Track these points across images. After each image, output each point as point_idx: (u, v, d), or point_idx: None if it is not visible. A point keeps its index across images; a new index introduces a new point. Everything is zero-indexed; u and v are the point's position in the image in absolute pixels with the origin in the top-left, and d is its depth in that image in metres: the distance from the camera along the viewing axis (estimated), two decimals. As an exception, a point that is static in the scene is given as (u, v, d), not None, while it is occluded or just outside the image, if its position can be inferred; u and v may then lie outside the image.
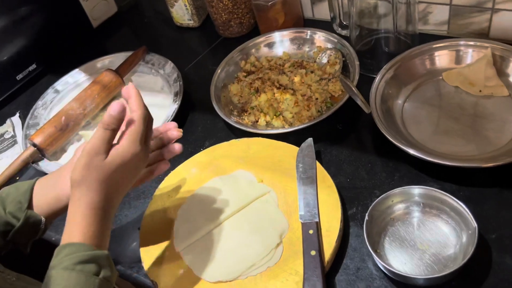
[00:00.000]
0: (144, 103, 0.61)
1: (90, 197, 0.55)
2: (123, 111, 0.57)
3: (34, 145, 0.90)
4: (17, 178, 0.93)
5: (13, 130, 1.04)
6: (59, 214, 0.66)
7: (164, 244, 0.72)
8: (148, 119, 0.60)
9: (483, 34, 0.89)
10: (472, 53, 0.83)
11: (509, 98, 0.79)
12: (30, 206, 0.64)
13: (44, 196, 0.66)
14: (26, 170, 0.94)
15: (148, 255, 0.71)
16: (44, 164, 0.91)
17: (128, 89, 0.61)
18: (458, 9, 0.88)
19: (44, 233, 0.66)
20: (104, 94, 0.98)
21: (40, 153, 0.91)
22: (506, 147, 0.72)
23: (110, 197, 0.57)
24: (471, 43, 0.83)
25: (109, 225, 0.58)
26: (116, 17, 1.28)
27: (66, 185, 0.64)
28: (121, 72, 1.01)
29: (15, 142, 1.01)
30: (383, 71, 0.82)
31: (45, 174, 0.90)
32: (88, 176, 0.56)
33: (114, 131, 0.57)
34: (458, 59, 0.84)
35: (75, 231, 0.54)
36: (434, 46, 0.84)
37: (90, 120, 0.99)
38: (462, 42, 0.83)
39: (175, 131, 0.68)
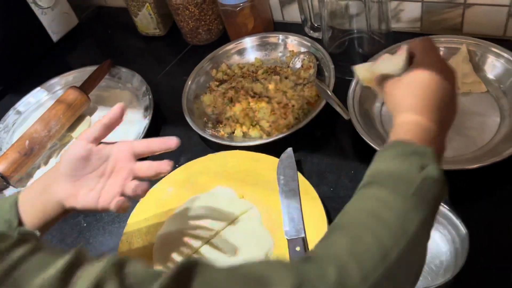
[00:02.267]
0: None
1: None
2: None
3: (-3, 173, 0.84)
4: (-19, 208, 0.87)
5: (-26, 157, 0.97)
6: (49, 227, 0.61)
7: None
8: None
9: (457, 30, 0.88)
10: (447, 50, 0.82)
11: (487, 94, 0.78)
12: (20, 222, 0.58)
13: (31, 210, 0.59)
14: (-9, 199, 0.88)
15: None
16: (9, 192, 0.85)
17: None
18: (430, 6, 0.87)
19: None
20: (70, 114, 0.92)
21: (4, 181, 0.85)
22: (488, 146, 0.71)
23: (431, 107, 0.50)
24: (445, 39, 0.82)
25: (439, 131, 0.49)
26: (78, 29, 1.22)
27: (52, 194, 0.59)
28: (86, 88, 0.96)
29: (-24, 169, 0.95)
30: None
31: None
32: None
33: None
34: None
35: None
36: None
37: (57, 141, 0.94)
38: (435, 39, 0.81)
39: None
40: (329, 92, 0.79)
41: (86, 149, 0.58)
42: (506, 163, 0.65)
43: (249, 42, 0.95)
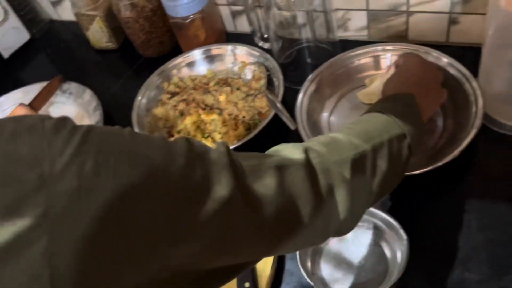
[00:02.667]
0: None
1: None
2: None
3: None
4: None
5: None
6: None
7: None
8: None
9: (403, 37, 0.90)
10: (391, 57, 0.83)
11: (430, 100, 0.79)
12: None
13: None
14: None
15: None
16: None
17: None
18: (375, 14, 0.88)
19: None
20: (19, 131, 0.90)
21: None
22: (432, 151, 0.72)
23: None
24: (390, 47, 0.83)
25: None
26: (30, 44, 1.20)
27: None
28: (36, 105, 0.94)
29: None
30: (305, 86, 0.80)
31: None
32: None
33: None
34: (377, 65, 0.84)
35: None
36: (352, 54, 0.83)
37: (6, 160, 0.92)
38: (379, 48, 0.83)
39: None
40: (276, 103, 0.80)
41: None
42: (445, 168, 0.66)
43: (198, 54, 0.95)
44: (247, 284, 0.61)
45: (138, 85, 0.95)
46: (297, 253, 0.61)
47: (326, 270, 0.63)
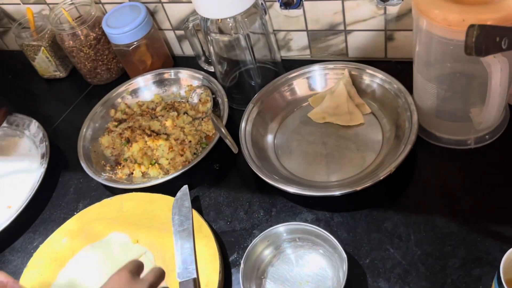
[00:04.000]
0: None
1: None
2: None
3: None
4: None
5: None
6: None
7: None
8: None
9: (343, 54, 0.92)
10: (334, 75, 0.85)
11: (371, 116, 0.81)
12: None
13: None
14: None
15: None
16: None
17: None
18: (314, 34, 0.90)
19: None
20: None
21: None
22: (371, 167, 0.74)
23: None
24: (332, 66, 0.85)
25: None
26: (-24, 75, 1.18)
27: None
28: (-20, 140, 0.92)
29: None
30: (247, 110, 0.81)
31: None
32: None
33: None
34: (317, 84, 0.85)
35: None
36: (290, 76, 0.85)
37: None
38: (316, 68, 0.85)
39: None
40: (220, 127, 0.80)
41: None
42: (385, 183, 0.68)
43: (141, 81, 0.95)
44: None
45: (86, 114, 0.95)
46: (240, 278, 0.62)
47: (271, 292, 0.64)
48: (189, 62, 1.02)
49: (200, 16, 0.80)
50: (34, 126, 0.95)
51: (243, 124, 0.80)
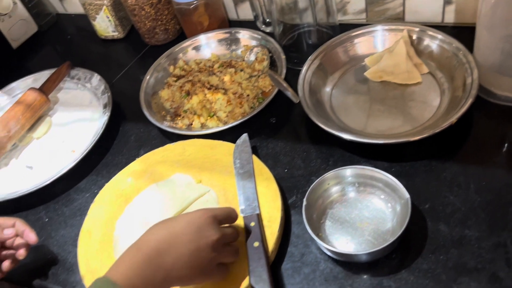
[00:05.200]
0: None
1: (144, 240, 0.55)
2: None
3: (-44, 174, 0.84)
4: None
5: None
6: None
7: (104, 258, 0.69)
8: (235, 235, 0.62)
9: (399, 19, 0.94)
10: (389, 37, 0.86)
11: (428, 76, 0.82)
12: None
13: None
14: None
15: (88, 271, 0.68)
16: (-32, 194, 0.85)
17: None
18: (373, -3, 0.92)
19: None
20: (29, 115, 0.93)
21: (-37, 182, 0.85)
22: (429, 122, 0.75)
23: (163, 248, 0.54)
24: (387, 27, 0.86)
25: (156, 279, 0.53)
26: (37, 36, 1.24)
27: None
28: (46, 90, 0.97)
29: None
30: (308, 62, 0.84)
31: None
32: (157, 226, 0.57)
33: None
34: (376, 44, 0.87)
35: (115, 267, 0.53)
36: (353, 34, 0.87)
37: (17, 142, 0.94)
38: (378, 28, 0.86)
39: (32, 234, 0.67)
40: (280, 80, 0.83)
41: None
42: (443, 137, 0.70)
43: (204, 39, 0.99)
44: (256, 244, 0.63)
45: (143, 72, 0.98)
46: (303, 214, 0.64)
47: (331, 232, 0.66)
48: (242, 26, 1.04)
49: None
50: (95, 79, 0.99)
51: (302, 74, 0.82)
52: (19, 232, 0.68)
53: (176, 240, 0.55)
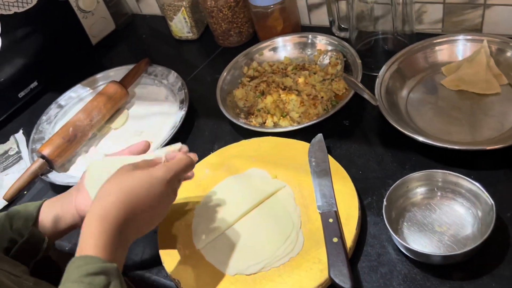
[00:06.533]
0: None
1: (106, 208, 0.56)
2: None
3: (43, 157, 0.89)
4: (25, 192, 0.92)
5: (18, 146, 1.03)
6: (61, 235, 0.69)
7: (183, 244, 0.72)
8: (188, 165, 0.64)
9: (476, 30, 0.93)
10: (470, 47, 0.86)
11: (507, 87, 0.82)
12: (35, 224, 0.66)
13: (49, 215, 0.67)
14: (34, 183, 0.93)
15: (168, 255, 0.71)
16: (53, 176, 0.90)
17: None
18: (451, 7, 0.92)
19: (45, 253, 0.67)
20: (110, 105, 0.98)
21: (48, 165, 0.90)
22: (509, 132, 0.75)
23: (127, 216, 0.56)
24: (468, 37, 0.86)
25: (124, 243, 0.57)
26: (114, 34, 1.30)
27: (70, 204, 0.67)
28: (125, 83, 1.02)
29: (20, 158, 1.01)
30: (388, 64, 0.85)
31: (54, 185, 0.90)
32: (112, 185, 0.58)
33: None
34: (457, 53, 0.87)
35: (87, 243, 0.54)
36: (434, 41, 0.87)
37: (96, 132, 0.99)
38: (460, 37, 0.87)
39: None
40: (357, 83, 0.84)
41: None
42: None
43: (281, 41, 1.02)
44: (335, 239, 0.64)
45: (215, 73, 1.02)
46: (384, 213, 0.65)
47: (408, 234, 0.66)
48: (315, 32, 1.06)
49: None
50: (172, 76, 1.04)
51: (380, 77, 0.83)
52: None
53: (137, 204, 0.57)
